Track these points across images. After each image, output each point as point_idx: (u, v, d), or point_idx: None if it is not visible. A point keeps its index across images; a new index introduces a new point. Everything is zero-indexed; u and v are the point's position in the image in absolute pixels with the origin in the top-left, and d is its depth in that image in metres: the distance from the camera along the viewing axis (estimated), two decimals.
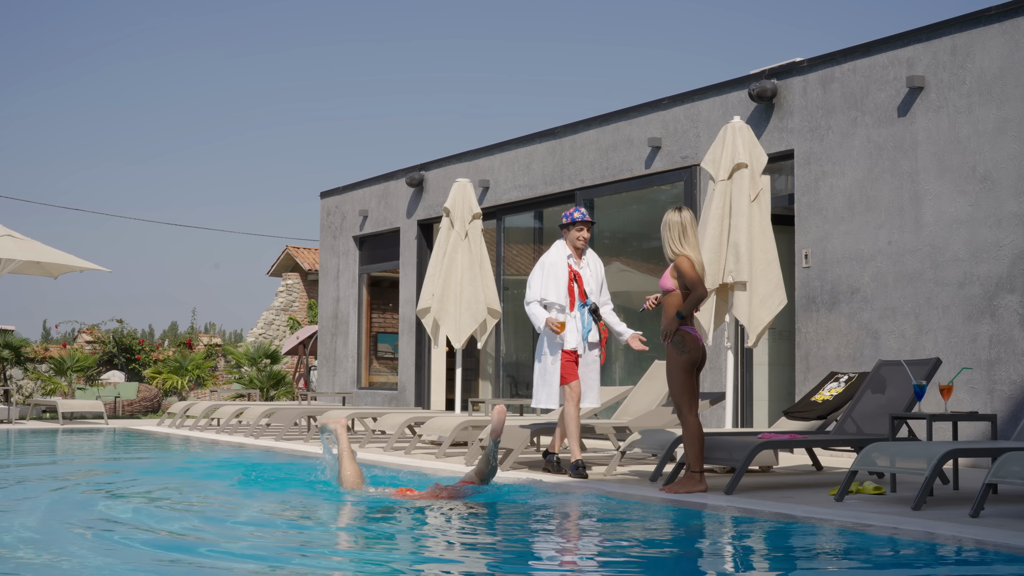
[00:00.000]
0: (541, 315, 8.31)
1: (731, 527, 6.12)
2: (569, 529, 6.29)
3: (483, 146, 15.30)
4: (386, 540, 5.75)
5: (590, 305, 8.34)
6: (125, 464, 10.48)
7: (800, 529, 5.89)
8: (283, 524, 6.38)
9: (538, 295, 8.38)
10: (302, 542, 5.72)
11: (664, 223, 7.32)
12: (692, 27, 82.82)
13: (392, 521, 6.22)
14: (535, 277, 8.46)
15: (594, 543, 5.71)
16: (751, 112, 11.44)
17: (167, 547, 5.41)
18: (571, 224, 8.42)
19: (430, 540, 5.74)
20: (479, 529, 6.08)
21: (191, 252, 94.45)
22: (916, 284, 9.94)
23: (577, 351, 8.28)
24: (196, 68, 76.86)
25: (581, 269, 8.40)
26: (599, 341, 8.39)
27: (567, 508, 6.98)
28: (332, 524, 6.33)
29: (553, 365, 8.28)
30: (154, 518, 6.33)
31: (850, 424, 8.06)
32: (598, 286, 8.47)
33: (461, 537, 5.85)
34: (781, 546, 5.59)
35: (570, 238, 8.43)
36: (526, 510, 6.80)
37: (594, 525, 6.40)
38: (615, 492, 7.35)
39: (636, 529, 6.21)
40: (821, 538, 5.69)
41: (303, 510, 6.87)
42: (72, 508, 6.85)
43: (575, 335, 8.28)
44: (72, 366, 20.29)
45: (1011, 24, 9.38)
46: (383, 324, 18.47)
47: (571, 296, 8.32)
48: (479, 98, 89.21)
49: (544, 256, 8.51)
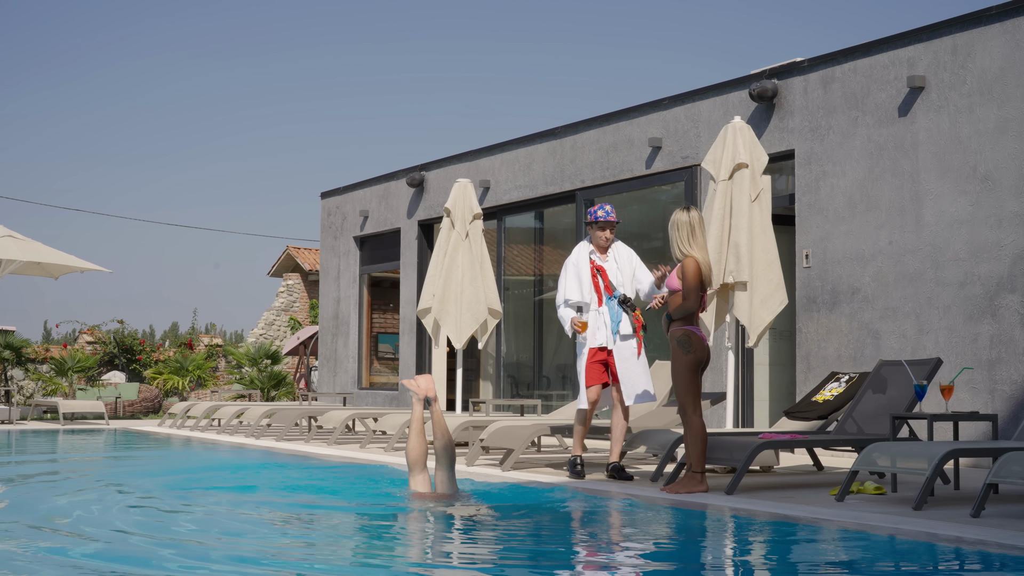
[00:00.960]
0: (567, 315, 8.20)
1: (732, 527, 6.11)
2: (568, 529, 6.28)
3: (484, 146, 15.31)
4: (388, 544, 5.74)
5: (619, 296, 8.14)
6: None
7: (801, 529, 5.89)
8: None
9: (562, 297, 8.27)
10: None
11: (672, 223, 7.25)
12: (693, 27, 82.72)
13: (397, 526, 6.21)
14: (560, 281, 8.37)
15: (592, 543, 5.70)
16: (752, 112, 11.44)
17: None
18: (593, 223, 8.29)
19: (423, 546, 5.74)
20: (472, 533, 6.08)
21: (191, 252, 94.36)
22: (917, 284, 9.93)
23: (606, 346, 8.09)
24: (196, 68, 76.80)
25: (605, 263, 8.23)
26: (633, 332, 8.14)
27: (566, 508, 6.97)
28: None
29: (581, 365, 8.13)
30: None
31: (851, 424, 8.05)
32: (627, 276, 8.24)
33: (461, 540, 5.85)
34: (782, 546, 5.59)
35: (594, 237, 8.30)
36: (525, 511, 6.79)
37: (592, 525, 6.40)
38: (615, 492, 7.34)
39: (635, 529, 6.20)
40: (822, 538, 5.68)
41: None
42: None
43: (602, 331, 8.08)
44: (73, 367, 20.28)
45: (1012, 24, 9.37)
46: (384, 324, 18.47)
47: (597, 291, 8.15)
48: (479, 98, 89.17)
49: (568, 257, 8.39)
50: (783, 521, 6.10)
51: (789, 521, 6.08)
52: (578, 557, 5.28)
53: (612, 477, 8.05)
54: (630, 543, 5.70)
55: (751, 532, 5.95)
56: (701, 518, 6.41)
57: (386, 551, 5.50)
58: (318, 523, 6.46)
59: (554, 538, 5.93)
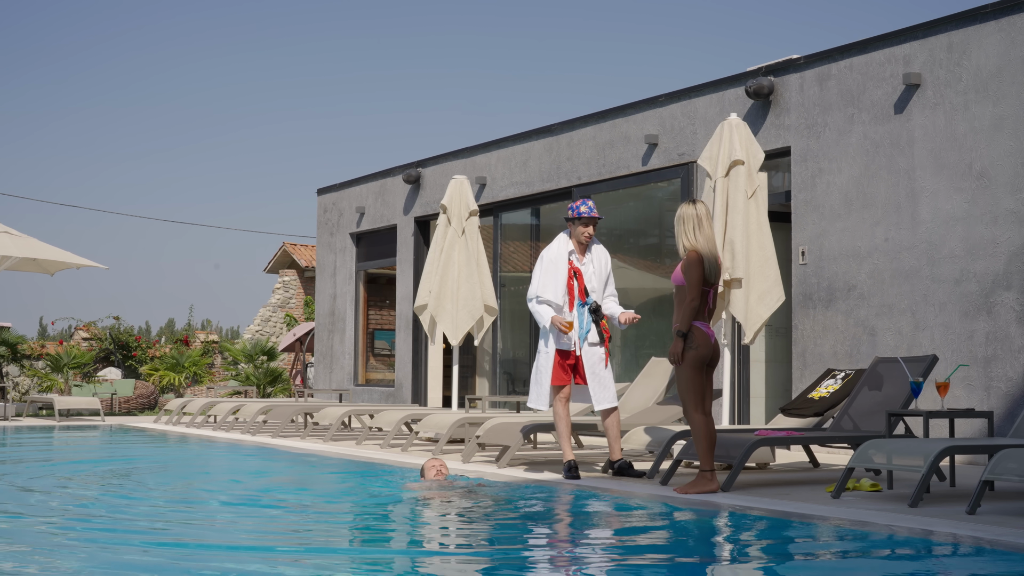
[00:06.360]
0: (545, 313, 7.90)
1: (727, 524, 6.12)
2: (566, 530, 6.29)
3: (480, 143, 15.29)
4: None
5: (590, 304, 7.93)
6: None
7: (796, 526, 5.89)
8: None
9: (535, 292, 8.00)
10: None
11: (678, 217, 7.10)
12: (689, 25, 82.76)
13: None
14: (535, 273, 8.10)
15: (589, 543, 5.70)
16: (748, 109, 11.44)
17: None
18: (576, 219, 7.99)
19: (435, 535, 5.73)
20: (469, 529, 6.08)
21: (188, 249, 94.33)
22: (913, 281, 9.94)
23: (574, 352, 7.93)
24: (193, 65, 76.76)
25: (583, 266, 7.99)
26: (600, 341, 7.97)
27: (566, 508, 6.97)
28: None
29: (546, 365, 7.94)
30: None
31: (847, 421, 8.06)
32: (601, 282, 8.04)
33: (461, 538, 5.86)
34: (777, 543, 5.59)
35: (575, 232, 8.00)
36: (523, 510, 6.79)
37: (589, 525, 6.40)
38: (612, 490, 7.34)
39: (630, 526, 6.20)
40: (818, 535, 5.69)
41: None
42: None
43: (571, 335, 7.91)
44: (69, 363, 20.26)
45: (1007, 21, 9.38)
46: (380, 321, 18.46)
47: (570, 294, 7.94)
48: (476, 95, 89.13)
49: (545, 250, 8.09)
50: (779, 518, 6.10)
51: (785, 518, 6.08)
52: (573, 557, 5.28)
53: (618, 474, 8.00)
54: (623, 540, 5.70)
55: (746, 529, 5.95)
56: (696, 515, 6.42)
57: (379, 547, 5.50)
58: (312, 513, 6.47)
59: (554, 539, 5.93)
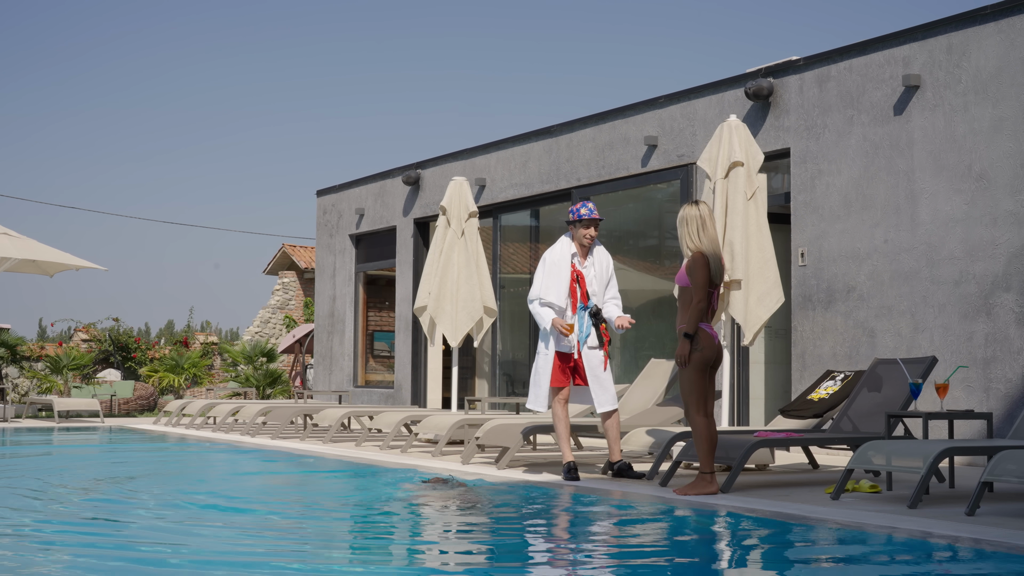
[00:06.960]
0: (546, 315, 7.89)
1: (726, 526, 6.12)
2: (565, 531, 6.29)
3: (479, 144, 15.30)
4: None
5: (591, 308, 7.90)
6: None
7: (796, 528, 5.89)
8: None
9: (537, 294, 7.99)
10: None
11: (681, 218, 7.10)
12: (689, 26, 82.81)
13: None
14: (537, 275, 8.08)
15: (589, 545, 5.71)
16: (747, 111, 11.45)
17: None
18: (577, 221, 7.97)
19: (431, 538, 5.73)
20: (469, 530, 6.08)
21: (188, 250, 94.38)
22: (912, 282, 9.95)
23: (573, 355, 7.92)
24: (193, 67, 76.82)
25: (585, 269, 7.96)
26: (600, 345, 7.95)
27: (565, 510, 6.97)
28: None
29: (545, 367, 7.93)
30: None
31: (846, 422, 8.06)
32: (602, 286, 8.01)
33: (460, 540, 5.85)
34: (777, 545, 5.59)
35: (576, 235, 7.98)
36: (523, 512, 6.79)
37: (589, 526, 6.40)
38: (611, 491, 7.34)
39: (630, 528, 6.20)
40: (817, 537, 5.69)
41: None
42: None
43: (572, 338, 7.90)
44: (68, 364, 20.25)
45: (1007, 23, 9.38)
46: (379, 322, 18.46)
47: (572, 298, 7.92)
48: (476, 97, 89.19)
49: (548, 252, 8.07)
50: (778, 519, 6.10)
51: (784, 520, 6.08)
52: (572, 558, 5.28)
53: (617, 476, 7.99)
54: (623, 541, 5.70)
55: (746, 530, 5.95)
56: (696, 516, 6.42)
57: (378, 549, 5.50)
58: (312, 515, 6.46)
59: (554, 539, 5.93)
